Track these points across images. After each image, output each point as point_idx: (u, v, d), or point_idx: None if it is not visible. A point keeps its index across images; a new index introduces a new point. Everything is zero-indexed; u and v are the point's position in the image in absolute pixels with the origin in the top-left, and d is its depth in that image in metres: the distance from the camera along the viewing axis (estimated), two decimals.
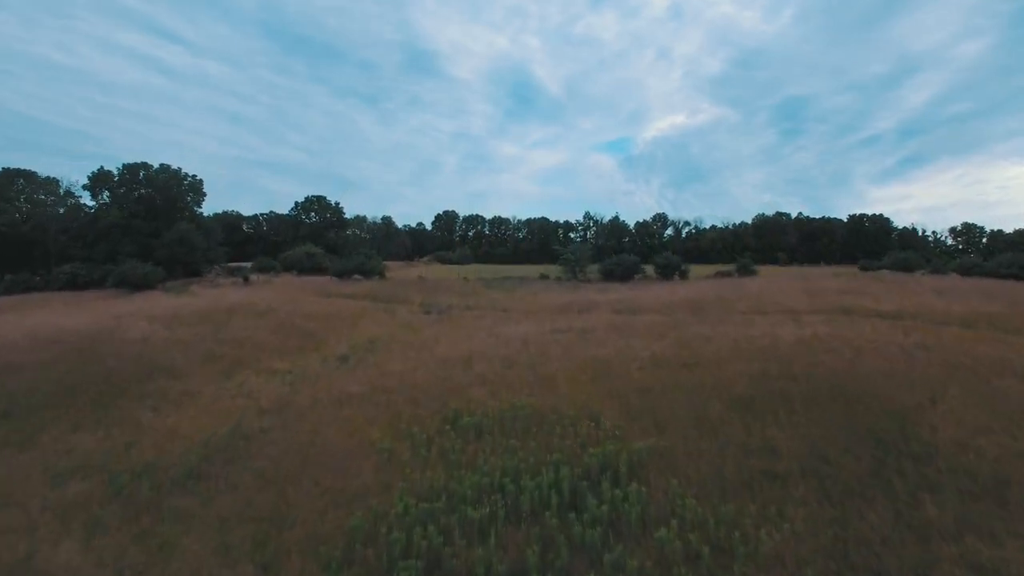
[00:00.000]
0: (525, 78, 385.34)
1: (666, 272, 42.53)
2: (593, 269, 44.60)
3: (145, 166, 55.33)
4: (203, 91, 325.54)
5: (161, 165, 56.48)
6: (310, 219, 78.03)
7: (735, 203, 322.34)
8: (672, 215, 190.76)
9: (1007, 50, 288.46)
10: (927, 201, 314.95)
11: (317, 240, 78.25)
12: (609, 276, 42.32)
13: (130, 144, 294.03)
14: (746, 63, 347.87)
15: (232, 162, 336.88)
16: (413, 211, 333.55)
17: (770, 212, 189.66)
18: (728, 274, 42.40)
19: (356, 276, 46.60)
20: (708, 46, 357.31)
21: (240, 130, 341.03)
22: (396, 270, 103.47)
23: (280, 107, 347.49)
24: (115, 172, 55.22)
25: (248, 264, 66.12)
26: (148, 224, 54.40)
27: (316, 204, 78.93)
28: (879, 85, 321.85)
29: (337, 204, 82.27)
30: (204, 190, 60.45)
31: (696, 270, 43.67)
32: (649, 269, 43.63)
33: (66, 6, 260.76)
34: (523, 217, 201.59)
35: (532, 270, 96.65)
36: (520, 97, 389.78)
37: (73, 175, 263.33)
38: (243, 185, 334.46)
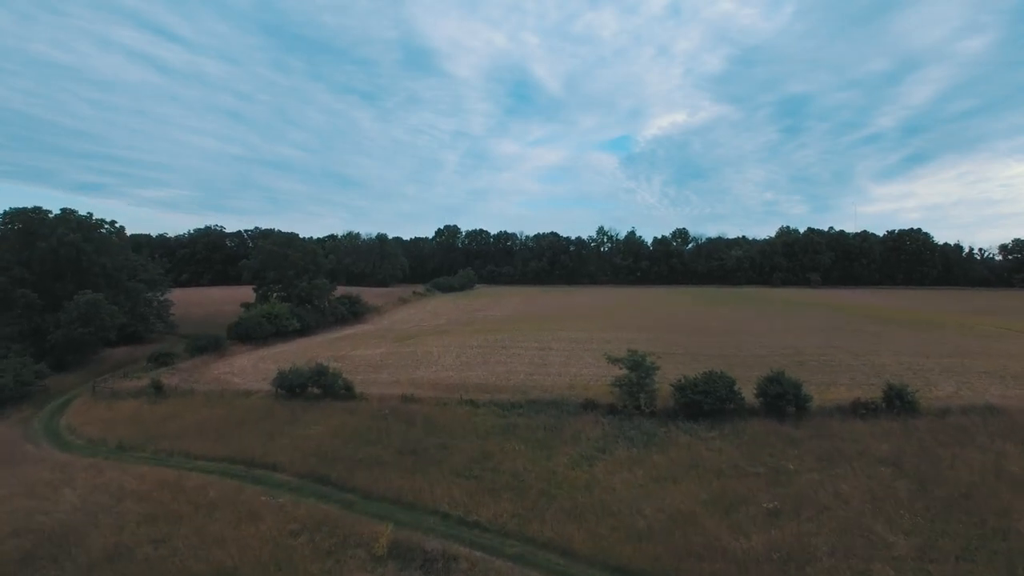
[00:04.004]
0: (524, 76, 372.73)
1: (776, 406, 27.89)
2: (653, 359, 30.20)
3: (38, 211, 40.69)
4: (202, 89, 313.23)
5: (63, 211, 41.84)
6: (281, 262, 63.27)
7: (736, 200, 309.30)
8: (692, 230, 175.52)
9: (1010, 46, 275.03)
10: (930, 199, 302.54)
11: (288, 286, 63.75)
12: (691, 410, 27.77)
13: (128, 141, 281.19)
14: (746, 60, 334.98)
15: (232, 160, 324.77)
16: (414, 210, 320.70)
17: (798, 226, 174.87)
18: (872, 407, 27.67)
19: (313, 389, 32.11)
20: (707, 43, 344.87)
21: (240, 128, 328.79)
22: (387, 312, 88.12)
23: (279, 105, 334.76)
24: None
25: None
26: (42, 294, 40.01)
27: (288, 244, 64.37)
28: (881, 82, 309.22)
29: (312, 238, 67.63)
30: (119, 239, 45.47)
31: (815, 394, 28.94)
32: (747, 392, 28.93)
33: (62, 2, 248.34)
34: (530, 231, 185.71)
35: (544, 304, 78.69)
36: (520, 95, 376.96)
37: (69, 174, 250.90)
38: (243, 183, 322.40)
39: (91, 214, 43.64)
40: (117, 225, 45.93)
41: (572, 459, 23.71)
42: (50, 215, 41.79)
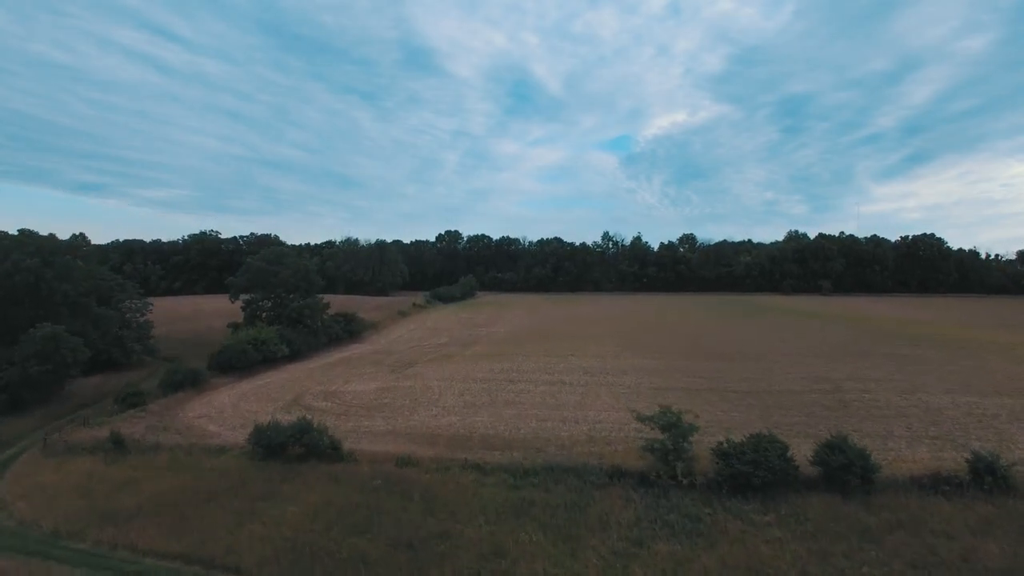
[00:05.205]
0: (524, 76, 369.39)
1: (838, 478, 23.55)
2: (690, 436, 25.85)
3: None
4: (202, 89, 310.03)
5: (20, 232, 37.45)
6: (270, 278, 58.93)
7: (736, 200, 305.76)
8: (692, 229, 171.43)
9: (1010, 46, 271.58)
10: (931, 199, 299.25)
11: (279, 305, 59.43)
12: (737, 483, 23.44)
13: (128, 141, 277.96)
14: (746, 60, 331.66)
15: (232, 160, 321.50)
16: (414, 210, 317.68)
17: (799, 226, 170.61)
18: (957, 481, 23.39)
19: (295, 448, 27.81)
20: (707, 43, 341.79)
21: (240, 128, 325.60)
22: (384, 329, 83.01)
23: (279, 105, 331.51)
24: None
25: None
26: None
27: (278, 260, 60.02)
28: (881, 82, 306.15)
29: (309, 244, 63.18)
30: (85, 263, 41.02)
31: (874, 452, 24.62)
32: (796, 451, 24.69)
33: (62, 2, 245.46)
34: (531, 231, 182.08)
35: (549, 316, 72.66)
36: (520, 95, 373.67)
37: (69, 174, 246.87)
38: (243, 183, 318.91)
39: (53, 234, 39.46)
40: (91, 242, 41.64)
41: (603, 558, 19.36)
42: (7, 235, 37.56)
